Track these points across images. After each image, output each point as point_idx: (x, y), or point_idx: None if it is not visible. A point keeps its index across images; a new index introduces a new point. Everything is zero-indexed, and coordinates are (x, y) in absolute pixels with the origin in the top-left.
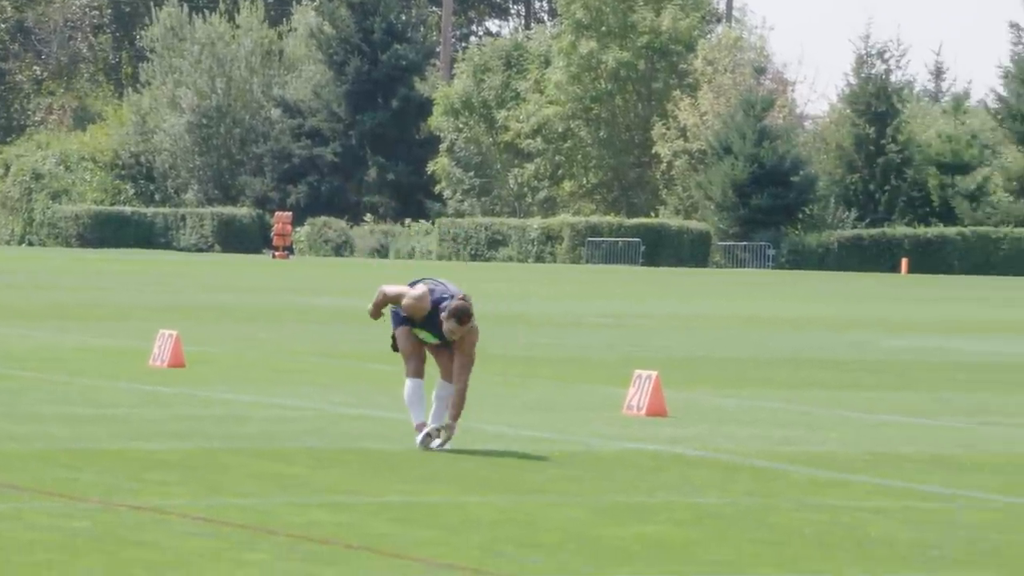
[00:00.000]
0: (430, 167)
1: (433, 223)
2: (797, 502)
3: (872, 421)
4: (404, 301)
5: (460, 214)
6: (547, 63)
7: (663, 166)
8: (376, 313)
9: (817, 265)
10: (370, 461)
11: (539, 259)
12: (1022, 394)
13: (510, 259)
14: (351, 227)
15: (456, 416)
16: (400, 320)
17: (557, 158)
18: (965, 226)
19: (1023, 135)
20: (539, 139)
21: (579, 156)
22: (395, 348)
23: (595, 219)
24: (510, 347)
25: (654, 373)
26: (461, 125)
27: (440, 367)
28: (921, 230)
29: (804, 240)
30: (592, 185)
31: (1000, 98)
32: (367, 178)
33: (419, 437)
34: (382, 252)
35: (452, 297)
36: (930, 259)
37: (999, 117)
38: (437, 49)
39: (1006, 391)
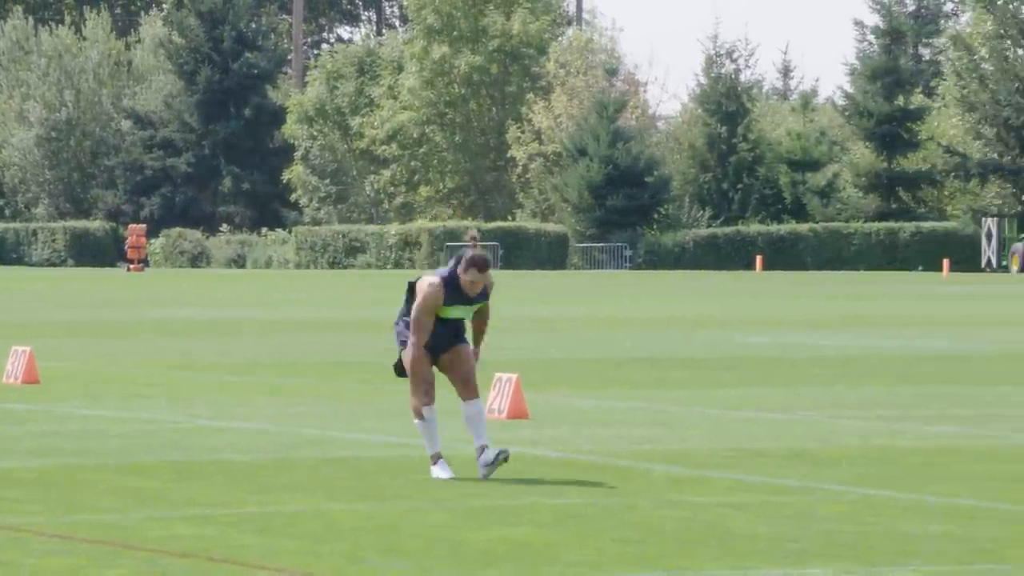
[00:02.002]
0: (285, 175)
1: (290, 232)
2: (658, 500)
3: (730, 417)
4: (425, 300)
5: (317, 222)
6: (400, 69)
7: (519, 169)
8: (422, 342)
9: (673, 264)
10: (230, 473)
11: (398, 265)
12: (875, 386)
13: (369, 266)
14: (207, 238)
15: (479, 341)
16: (404, 342)
17: (413, 164)
18: (816, 222)
19: (870, 132)
20: (394, 145)
21: (435, 161)
22: (400, 373)
23: (453, 224)
24: (371, 354)
25: (514, 376)
26: (315, 133)
27: (455, 385)
28: (774, 227)
29: (660, 240)
30: (449, 190)
31: (847, 95)
32: (222, 188)
33: (435, 471)
34: (239, 262)
35: (458, 262)
36: (783, 256)
37: (846, 114)
38: (289, 57)
39: (860, 384)
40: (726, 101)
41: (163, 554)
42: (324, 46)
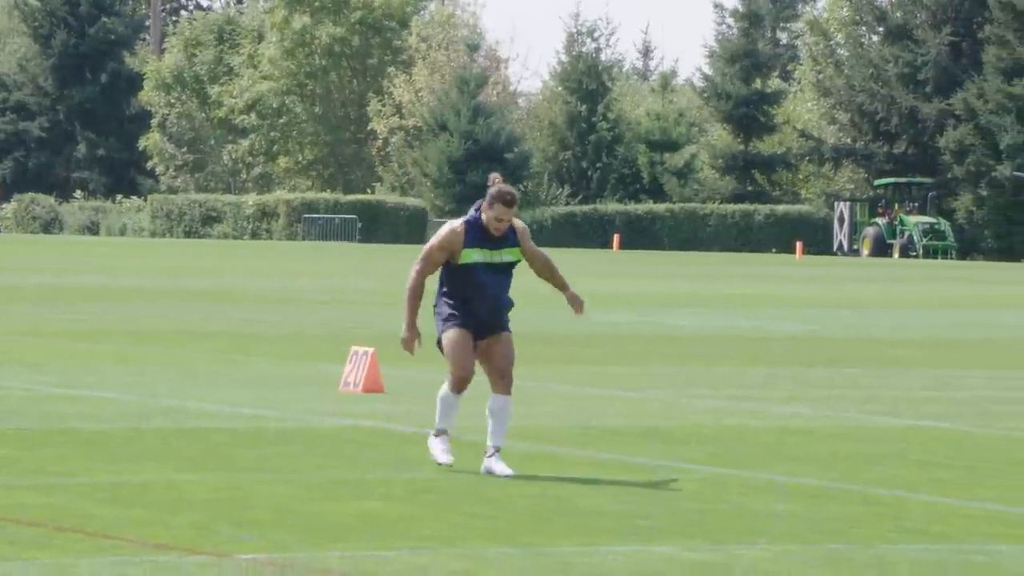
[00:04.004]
0: (141, 143)
1: (145, 200)
2: (510, 476)
3: (583, 395)
4: (436, 245)
5: (173, 190)
6: (260, 38)
7: (379, 143)
8: (413, 334)
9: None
10: (80, 442)
11: (255, 236)
12: (728, 366)
13: (225, 236)
14: (60, 203)
15: (567, 285)
16: (447, 320)
17: (272, 134)
18: (673, 203)
19: (728, 113)
20: (253, 115)
21: (294, 132)
22: (441, 346)
23: (311, 196)
24: (225, 324)
25: (371, 350)
26: (173, 100)
27: (491, 376)
28: (632, 207)
29: (519, 216)
30: (308, 161)
31: (706, 77)
32: (76, 154)
33: (434, 444)
34: (93, 229)
35: (478, 208)
36: (641, 235)
37: (705, 95)
38: (146, 23)
39: (713, 363)
40: (586, 80)
41: (10, 523)
42: (183, 13)
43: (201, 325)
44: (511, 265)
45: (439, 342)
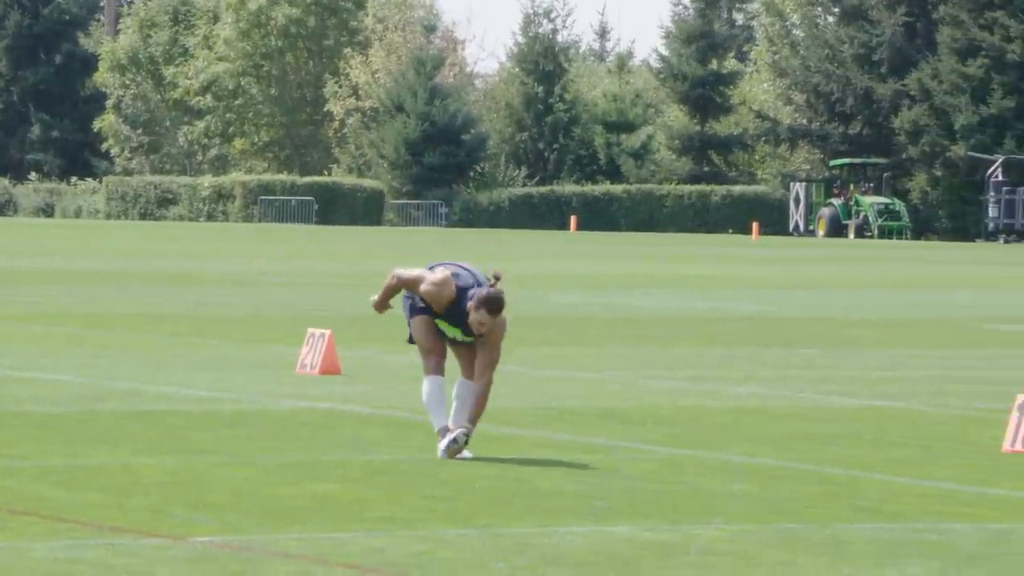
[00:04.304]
0: (96, 124)
1: (100, 181)
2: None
3: (540, 376)
4: (423, 287)
5: (129, 172)
6: (216, 19)
7: (335, 124)
8: (383, 304)
9: (489, 223)
10: (34, 424)
11: (211, 218)
12: (685, 346)
13: (181, 218)
14: (14, 185)
15: (476, 419)
16: (417, 309)
17: (228, 115)
18: (630, 184)
19: (684, 94)
20: (209, 96)
21: (250, 114)
22: (412, 340)
23: (267, 177)
24: (182, 306)
25: (327, 332)
26: (128, 82)
27: (460, 363)
28: (589, 188)
29: (476, 198)
30: (264, 143)
31: (662, 58)
32: (30, 135)
33: (443, 444)
34: (48, 211)
35: (478, 284)
36: (598, 216)
37: (661, 76)
38: (101, 3)
39: (670, 344)
40: (543, 61)
41: None
42: None
43: (157, 308)
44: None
45: (410, 334)
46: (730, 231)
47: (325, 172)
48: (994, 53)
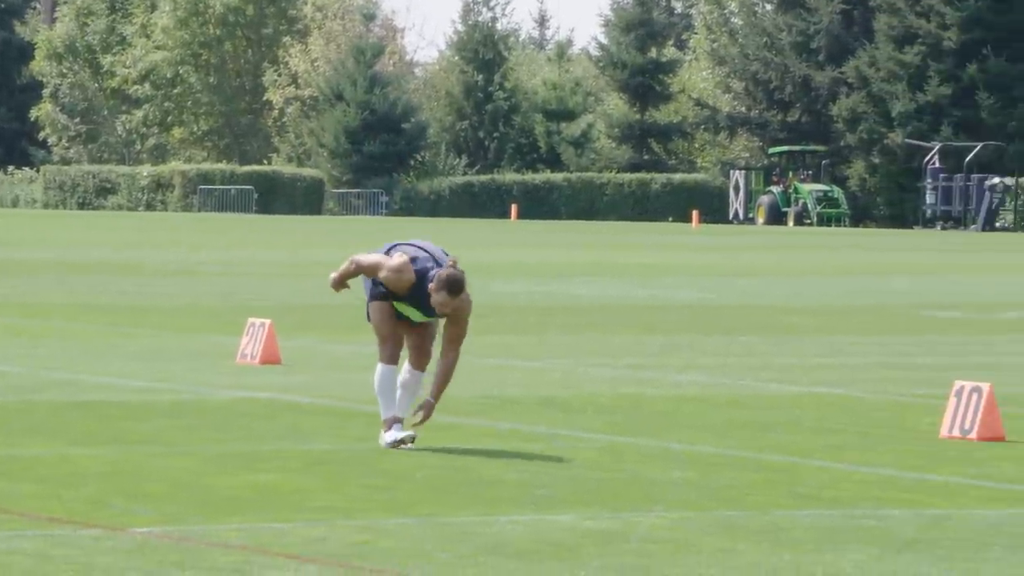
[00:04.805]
0: (33, 113)
1: (38, 171)
2: (408, 446)
3: (481, 365)
4: (382, 275)
5: (66, 161)
6: (153, 7)
7: (275, 113)
8: (340, 283)
9: (430, 212)
10: None
11: (150, 207)
12: (625, 335)
13: (120, 207)
14: None
15: (439, 394)
16: (377, 293)
17: (166, 104)
18: (571, 172)
19: (624, 83)
20: (147, 85)
21: (189, 102)
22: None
23: (207, 166)
24: (121, 296)
25: (267, 321)
26: (65, 70)
27: (410, 351)
28: (529, 176)
29: (416, 187)
30: (203, 132)
31: (602, 46)
32: None
33: (387, 437)
34: None
35: (437, 265)
36: (538, 205)
37: (601, 65)
38: None
39: (610, 332)
40: (483, 49)
41: None
42: None
43: (96, 297)
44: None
45: (367, 312)
46: (670, 219)
47: (265, 161)
48: (930, 40)
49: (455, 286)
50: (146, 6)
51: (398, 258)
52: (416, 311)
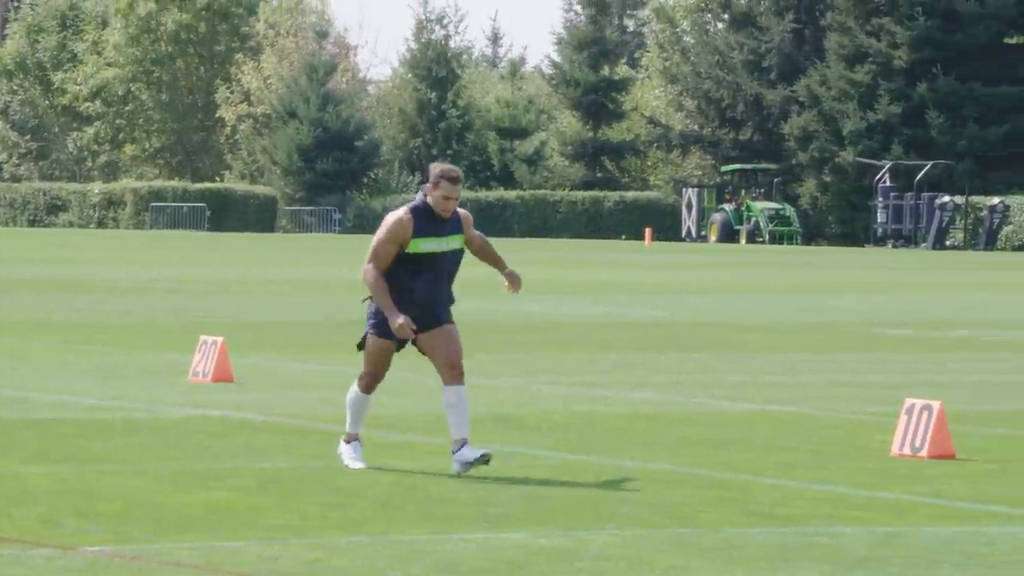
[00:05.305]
0: None
1: None
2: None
3: (435, 383)
4: (384, 234)
5: (17, 179)
6: (104, 24)
7: (227, 130)
8: (392, 310)
9: None
10: None
11: (101, 225)
12: (579, 352)
13: (71, 225)
14: None
15: (504, 262)
16: (380, 331)
17: (118, 122)
18: (524, 190)
19: (577, 100)
20: (99, 102)
21: (141, 120)
22: (361, 347)
23: (159, 184)
24: (73, 314)
25: (220, 339)
26: (15, 87)
27: (438, 367)
28: (482, 194)
29: (369, 204)
30: (155, 149)
31: (554, 64)
32: None
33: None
34: None
35: (424, 193)
36: (491, 222)
37: (554, 83)
38: None
39: (564, 350)
40: (436, 67)
41: None
42: None
43: (48, 315)
44: (458, 253)
45: (363, 340)
46: (623, 237)
47: (217, 178)
48: (881, 59)
49: (450, 172)
50: (97, 23)
51: (393, 213)
52: (431, 238)
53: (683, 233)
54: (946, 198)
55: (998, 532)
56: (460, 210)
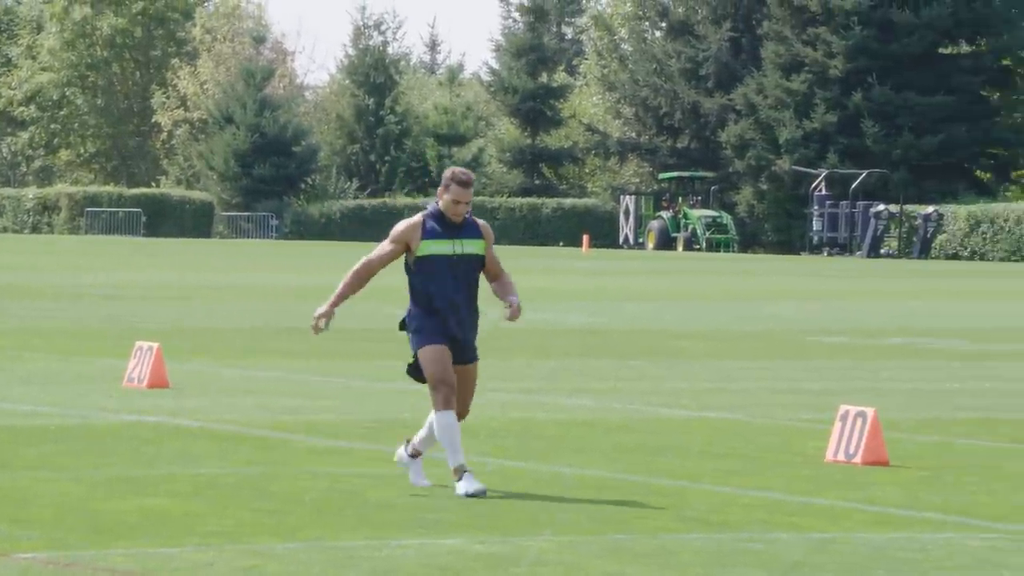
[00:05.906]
0: None
1: None
2: (297, 470)
3: (372, 389)
4: (392, 237)
5: None
6: (39, 28)
7: (163, 135)
8: (330, 314)
9: (320, 235)
10: None
11: (35, 230)
12: (517, 359)
13: (5, 230)
14: None
15: (513, 288)
16: (423, 338)
17: (53, 126)
18: None
19: (515, 107)
20: (33, 107)
21: (76, 125)
22: (412, 373)
23: (94, 189)
24: (5, 319)
25: (156, 345)
26: None
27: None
28: (420, 200)
29: (307, 210)
30: (90, 154)
31: (493, 71)
32: None
33: (462, 488)
34: None
35: (437, 202)
36: None
37: (492, 89)
38: None
39: (501, 356)
40: (374, 73)
41: None
42: None
43: None
44: (474, 261)
45: (414, 361)
46: (561, 244)
47: (153, 184)
48: (817, 69)
49: (460, 175)
50: (32, 27)
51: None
52: (444, 240)
53: (621, 240)
54: (881, 207)
55: (931, 538)
56: (481, 221)
